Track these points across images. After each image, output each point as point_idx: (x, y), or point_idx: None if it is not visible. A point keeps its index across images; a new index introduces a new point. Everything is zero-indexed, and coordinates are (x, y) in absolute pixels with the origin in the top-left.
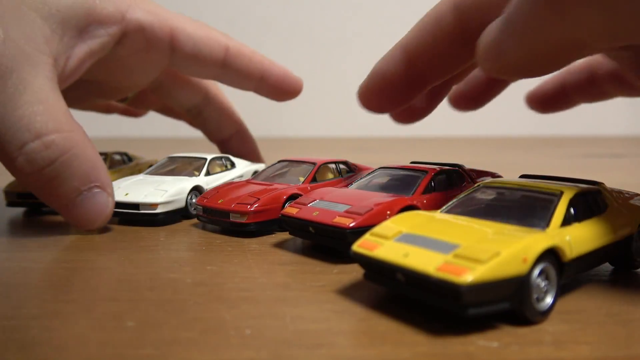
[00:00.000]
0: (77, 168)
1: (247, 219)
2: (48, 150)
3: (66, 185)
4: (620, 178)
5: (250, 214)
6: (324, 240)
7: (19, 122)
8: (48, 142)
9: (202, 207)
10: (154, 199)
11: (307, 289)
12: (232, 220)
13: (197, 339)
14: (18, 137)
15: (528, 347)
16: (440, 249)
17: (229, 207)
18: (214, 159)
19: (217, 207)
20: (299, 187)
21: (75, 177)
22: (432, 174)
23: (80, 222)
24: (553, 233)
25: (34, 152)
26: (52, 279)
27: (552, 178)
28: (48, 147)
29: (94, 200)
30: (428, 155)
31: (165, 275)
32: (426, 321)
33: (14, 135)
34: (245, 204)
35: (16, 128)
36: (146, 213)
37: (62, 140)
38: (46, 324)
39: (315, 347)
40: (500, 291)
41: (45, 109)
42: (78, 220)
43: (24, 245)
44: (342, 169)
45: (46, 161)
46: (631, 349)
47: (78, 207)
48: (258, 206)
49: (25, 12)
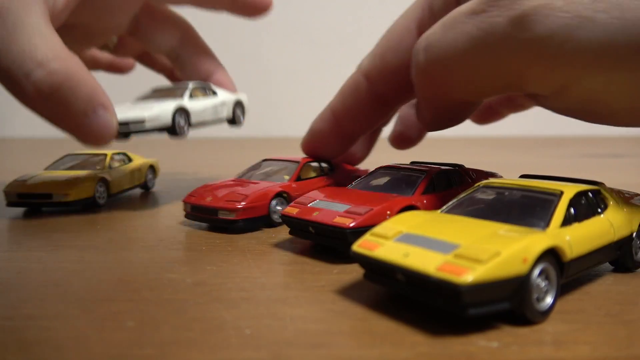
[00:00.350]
0: (81, 91)
1: (236, 216)
2: (52, 77)
3: (73, 108)
4: (620, 178)
5: (239, 211)
6: (324, 240)
7: (21, 54)
8: (51, 69)
9: (191, 205)
10: (142, 114)
11: (307, 289)
12: (220, 217)
13: (197, 339)
14: (23, 67)
15: (528, 347)
16: (441, 249)
17: (218, 204)
18: (196, 85)
19: (205, 204)
20: (284, 185)
21: (80, 100)
22: (432, 174)
23: (90, 140)
24: (553, 233)
25: (40, 81)
26: (52, 279)
27: (552, 178)
28: (52, 74)
29: (99, 119)
30: (428, 155)
31: (165, 275)
32: (426, 321)
33: (19, 66)
34: (233, 201)
35: (21, 59)
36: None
37: (63, 68)
38: (46, 324)
39: (315, 347)
40: (500, 291)
41: (43, 41)
42: (88, 139)
43: (24, 245)
44: (324, 167)
45: (52, 87)
46: (631, 349)
47: (86, 127)
48: (246, 203)
49: None
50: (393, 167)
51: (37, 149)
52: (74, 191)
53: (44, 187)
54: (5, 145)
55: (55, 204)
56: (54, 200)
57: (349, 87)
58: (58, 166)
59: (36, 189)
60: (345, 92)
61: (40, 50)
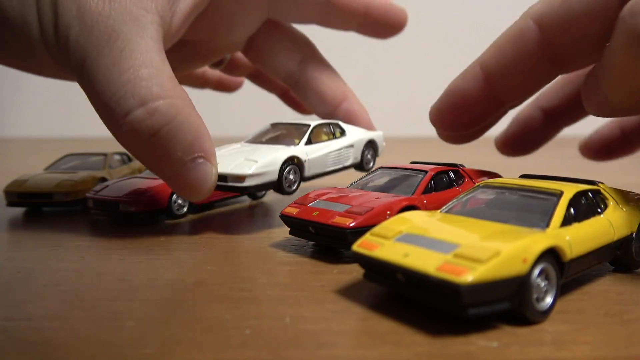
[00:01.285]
0: (182, 137)
1: (135, 209)
2: (152, 119)
3: (170, 155)
4: (620, 178)
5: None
6: (324, 240)
7: (123, 87)
8: (152, 109)
9: (92, 200)
10: (242, 171)
11: (307, 289)
12: (121, 210)
13: (197, 339)
14: (122, 104)
15: (528, 347)
16: (440, 249)
17: (119, 197)
18: (319, 125)
19: (106, 199)
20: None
21: (179, 147)
22: (432, 174)
23: (184, 192)
24: (553, 233)
25: (138, 121)
26: (52, 279)
27: (552, 178)
28: (152, 115)
29: (197, 170)
30: (428, 155)
31: (165, 275)
32: (426, 321)
33: (118, 101)
34: (135, 194)
35: (121, 94)
36: (234, 186)
37: (166, 107)
38: (46, 324)
39: (315, 347)
40: (500, 291)
41: (150, 73)
42: (181, 191)
43: (24, 245)
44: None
45: (150, 130)
46: (631, 349)
47: (181, 178)
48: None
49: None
50: (393, 167)
51: (37, 149)
52: (74, 191)
53: (44, 187)
54: (5, 145)
55: (55, 203)
56: (54, 200)
57: (511, 36)
58: (58, 166)
59: (36, 189)
60: (505, 42)
61: (146, 86)
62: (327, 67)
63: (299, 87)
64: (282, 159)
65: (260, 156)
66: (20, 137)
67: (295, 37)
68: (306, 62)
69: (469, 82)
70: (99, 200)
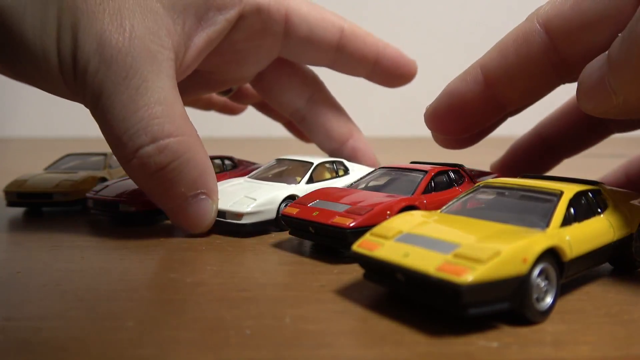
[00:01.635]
0: (187, 174)
1: (135, 209)
2: (161, 155)
3: (174, 190)
4: None
5: (139, 204)
6: (324, 240)
7: (137, 124)
8: (162, 146)
9: (92, 200)
10: (239, 209)
11: (307, 289)
12: (121, 210)
13: (197, 339)
14: (134, 140)
15: (528, 347)
16: (440, 249)
17: (120, 197)
18: (322, 163)
19: (106, 199)
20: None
21: (184, 183)
22: (432, 174)
23: (183, 226)
24: (553, 233)
25: (148, 156)
26: (52, 279)
27: (552, 178)
28: (161, 152)
29: (198, 206)
30: (428, 155)
31: (165, 275)
32: (426, 321)
33: (131, 137)
34: (135, 194)
35: (134, 130)
36: (232, 222)
37: (175, 145)
38: (46, 324)
39: (315, 347)
40: (500, 291)
41: (163, 111)
42: (181, 224)
43: (24, 245)
44: (227, 164)
45: (158, 166)
46: (631, 349)
47: (182, 212)
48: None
49: (149, 3)
50: (393, 167)
51: (37, 149)
52: (74, 191)
53: (44, 187)
54: (5, 145)
55: (55, 203)
56: (54, 200)
57: (516, 38)
58: (58, 166)
59: (36, 189)
60: (508, 45)
61: (158, 123)
62: (334, 104)
63: (306, 123)
64: (281, 198)
65: (259, 194)
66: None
67: (305, 75)
68: (314, 99)
69: (468, 84)
70: (99, 200)
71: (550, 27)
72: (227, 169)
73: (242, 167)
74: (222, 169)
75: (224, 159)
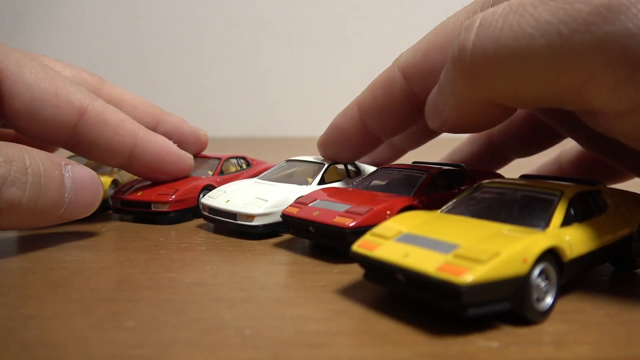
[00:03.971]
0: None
1: (169, 207)
2: None
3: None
4: None
5: (172, 203)
6: (324, 240)
7: None
8: None
9: (121, 201)
10: (251, 210)
11: (307, 289)
12: (153, 209)
13: (196, 339)
14: None
15: (528, 347)
16: (440, 249)
17: (151, 197)
18: (334, 164)
19: (138, 199)
20: (210, 178)
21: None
22: (433, 174)
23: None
24: (553, 233)
25: None
26: (52, 279)
27: (552, 178)
28: None
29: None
30: (428, 155)
31: (165, 275)
32: (426, 321)
33: None
34: (166, 194)
35: None
36: (243, 224)
37: None
38: (46, 324)
39: (315, 347)
40: (500, 291)
41: None
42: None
43: (24, 245)
44: (242, 163)
45: None
46: (631, 349)
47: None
48: (176, 196)
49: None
50: (393, 167)
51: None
52: None
53: None
54: None
55: None
56: None
57: (382, 82)
58: None
59: None
60: (377, 87)
61: None
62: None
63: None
64: (292, 199)
65: (270, 195)
66: None
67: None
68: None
69: (347, 120)
70: (127, 201)
71: (406, 74)
72: (243, 169)
73: (255, 165)
74: (240, 168)
75: (239, 158)
